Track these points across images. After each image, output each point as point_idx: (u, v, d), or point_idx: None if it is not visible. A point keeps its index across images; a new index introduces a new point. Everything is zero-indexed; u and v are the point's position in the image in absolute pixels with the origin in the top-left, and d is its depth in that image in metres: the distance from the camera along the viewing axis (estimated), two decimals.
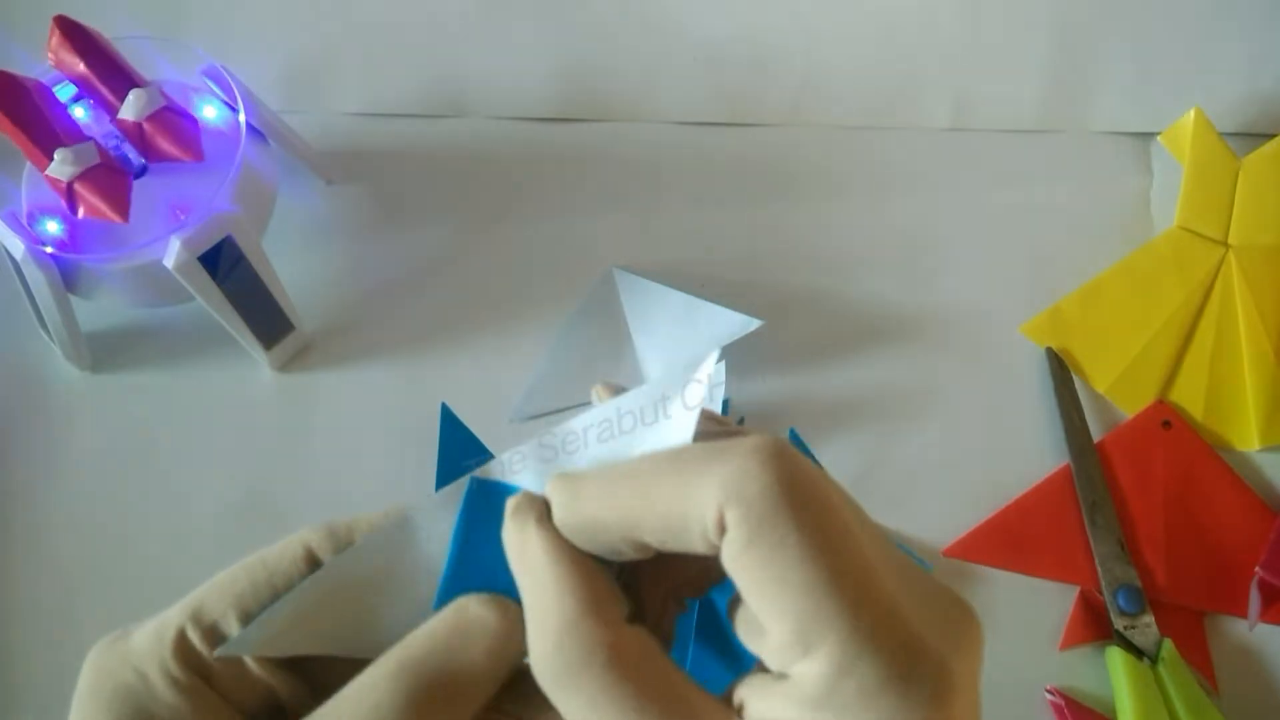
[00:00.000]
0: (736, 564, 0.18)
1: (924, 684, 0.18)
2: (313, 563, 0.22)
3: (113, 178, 0.45)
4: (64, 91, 0.47)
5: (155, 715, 0.20)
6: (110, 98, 0.45)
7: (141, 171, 0.47)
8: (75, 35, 0.45)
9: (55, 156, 0.44)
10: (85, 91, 0.46)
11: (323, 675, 0.21)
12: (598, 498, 0.20)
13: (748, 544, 0.18)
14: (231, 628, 0.21)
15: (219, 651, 0.21)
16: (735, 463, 0.18)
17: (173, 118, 0.45)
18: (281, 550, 0.22)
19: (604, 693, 0.18)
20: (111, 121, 0.46)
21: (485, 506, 0.22)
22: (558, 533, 0.20)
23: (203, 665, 0.21)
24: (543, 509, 0.21)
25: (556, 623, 0.19)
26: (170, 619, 0.21)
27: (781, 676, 0.19)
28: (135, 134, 0.45)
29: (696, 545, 0.19)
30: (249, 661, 0.21)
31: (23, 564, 0.48)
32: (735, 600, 0.21)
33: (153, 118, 0.45)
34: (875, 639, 0.18)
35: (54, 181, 0.44)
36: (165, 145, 0.45)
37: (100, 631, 0.23)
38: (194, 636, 0.21)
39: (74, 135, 0.45)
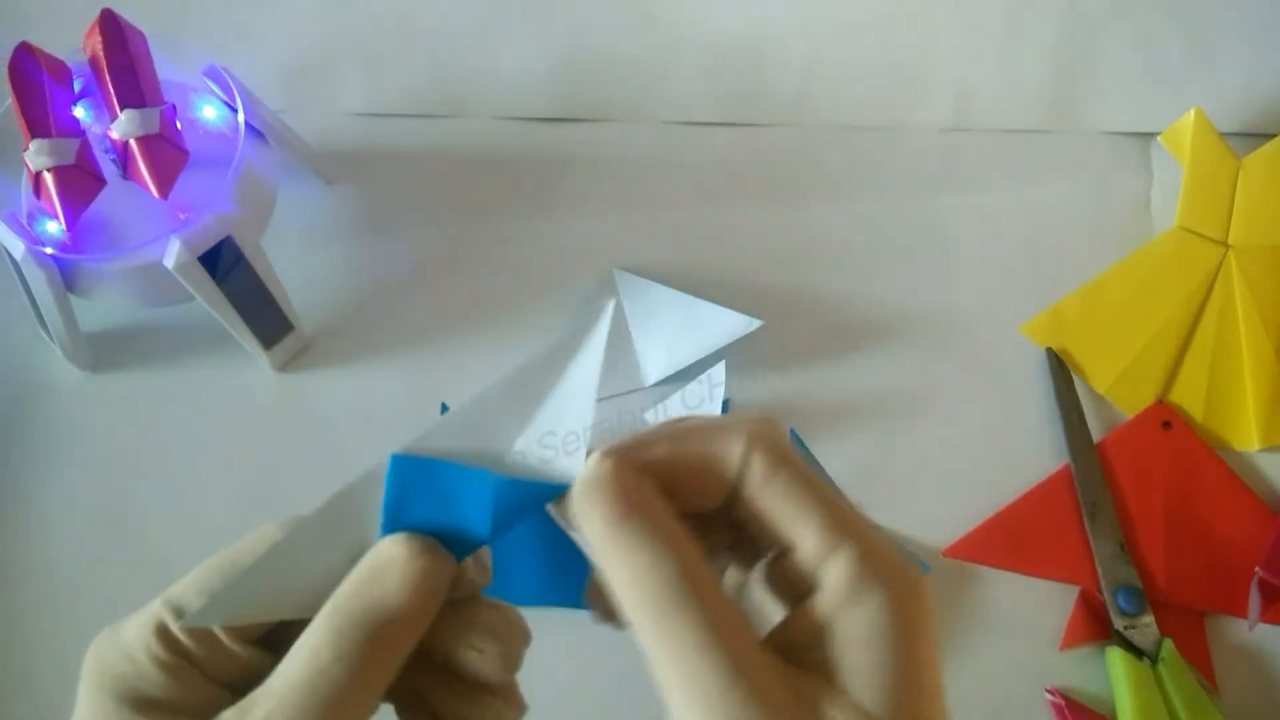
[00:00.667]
0: (765, 489, 0.23)
1: (915, 568, 0.23)
2: None
3: (80, 181, 0.44)
4: (81, 82, 0.47)
5: (147, 693, 0.23)
6: (115, 105, 0.45)
7: None
8: (110, 32, 0.45)
9: (31, 145, 0.44)
10: (95, 89, 0.46)
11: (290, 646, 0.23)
12: (654, 447, 0.24)
13: (773, 472, 0.23)
14: None
15: (184, 622, 0.23)
16: (754, 421, 0.24)
17: (159, 147, 0.44)
18: (250, 546, 0.24)
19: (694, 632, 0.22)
20: (108, 128, 0.46)
21: (415, 481, 0.24)
22: (662, 505, 0.23)
23: (184, 648, 0.23)
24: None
25: (666, 575, 0.22)
26: (152, 611, 0.24)
27: (810, 591, 0.23)
28: (120, 150, 0.45)
29: (728, 473, 0.23)
30: (225, 639, 0.24)
31: (23, 563, 0.48)
32: (762, 564, 0.25)
33: (141, 140, 0.44)
34: (877, 535, 0.23)
35: (26, 165, 0.44)
36: (141, 172, 0.44)
37: (100, 629, 0.25)
38: (175, 627, 0.24)
39: (66, 128, 0.45)
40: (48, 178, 0.44)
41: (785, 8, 0.59)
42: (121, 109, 0.44)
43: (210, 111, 0.49)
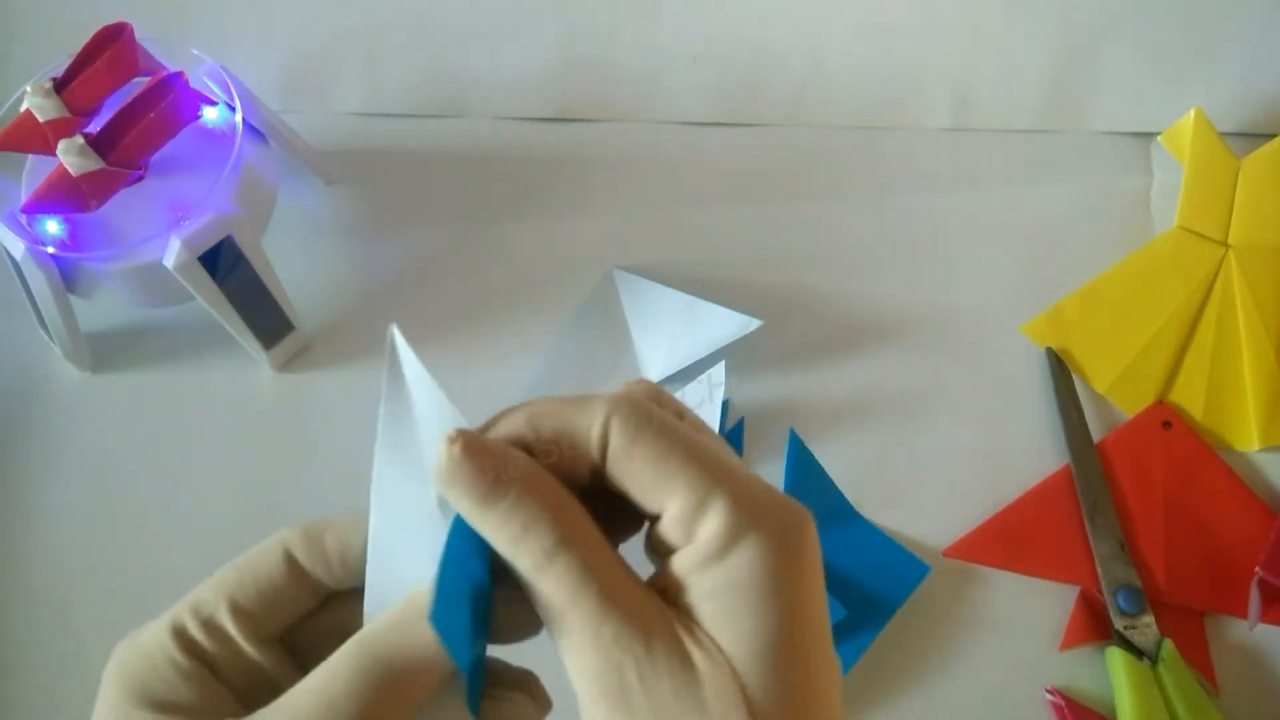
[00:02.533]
0: (626, 457, 0.23)
1: (798, 509, 0.23)
2: (292, 563, 0.25)
3: (31, 135, 0.45)
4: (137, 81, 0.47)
5: (162, 694, 0.23)
6: (104, 125, 0.45)
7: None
8: (159, 86, 0.45)
9: (40, 90, 0.45)
10: (116, 103, 0.46)
11: (314, 657, 0.23)
12: (517, 419, 0.24)
13: (635, 438, 0.23)
14: (225, 620, 0.24)
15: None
16: (612, 393, 0.24)
17: (65, 187, 0.44)
18: (264, 553, 0.25)
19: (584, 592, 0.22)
20: (84, 130, 0.46)
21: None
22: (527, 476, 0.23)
23: (200, 650, 0.24)
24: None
25: (542, 531, 0.22)
26: (172, 613, 0.24)
27: (684, 548, 0.22)
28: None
29: (589, 447, 0.23)
30: (241, 641, 0.24)
31: (23, 563, 0.48)
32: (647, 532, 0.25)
33: (60, 171, 0.44)
34: (752, 483, 0.23)
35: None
36: (39, 181, 0.45)
37: (100, 629, 0.25)
38: (192, 627, 0.24)
39: (76, 104, 0.45)
40: (27, 114, 0.45)
41: (785, 8, 0.59)
42: (89, 140, 0.44)
43: (210, 111, 0.49)
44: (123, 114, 0.45)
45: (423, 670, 0.23)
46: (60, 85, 0.45)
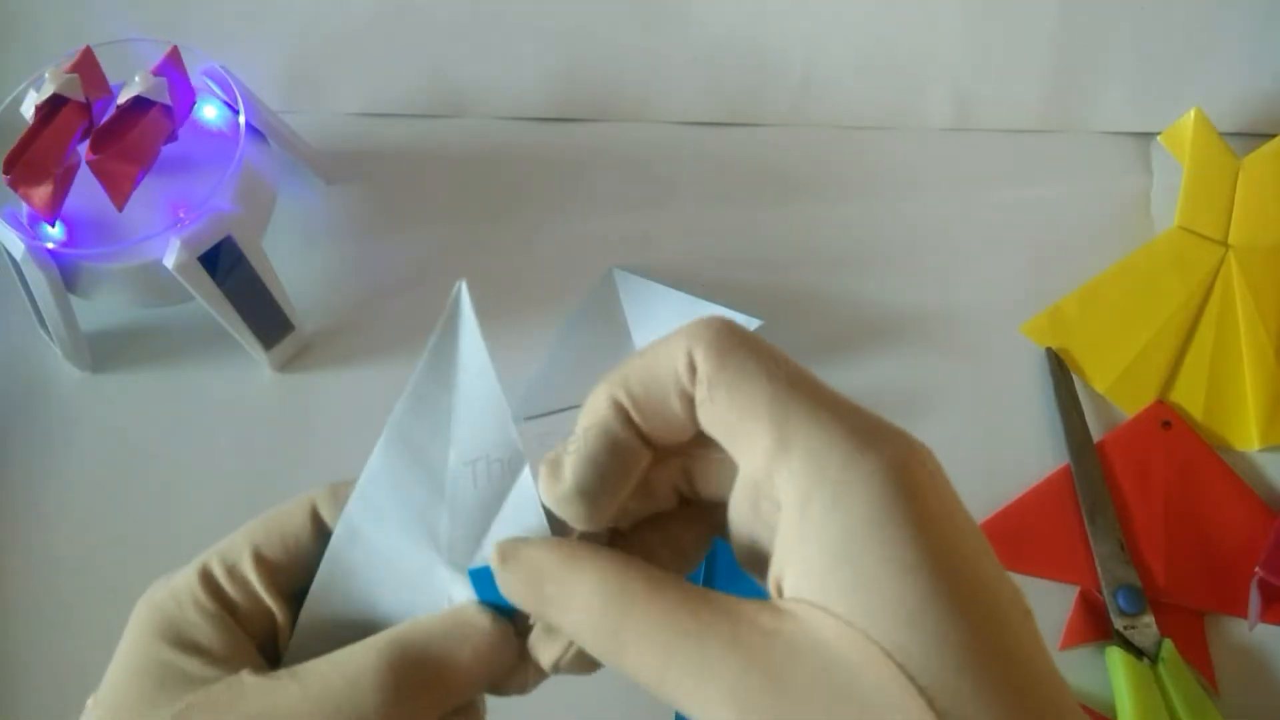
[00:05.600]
0: (709, 392, 0.20)
1: (891, 441, 0.21)
2: (317, 520, 0.26)
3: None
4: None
5: (185, 634, 0.24)
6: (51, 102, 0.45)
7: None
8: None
9: (146, 79, 0.45)
10: (105, 112, 0.46)
11: None
12: (600, 404, 0.23)
13: (718, 370, 0.20)
14: (247, 567, 0.25)
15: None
16: (695, 323, 0.22)
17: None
18: (291, 509, 0.26)
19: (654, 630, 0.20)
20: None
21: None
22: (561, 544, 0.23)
23: (225, 596, 0.25)
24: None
25: (601, 594, 0.21)
26: (203, 558, 0.26)
27: (776, 508, 0.20)
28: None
29: (673, 399, 0.21)
30: (262, 592, 0.25)
31: (22, 564, 0.48)
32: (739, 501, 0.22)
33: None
34: (840, 420, 0.20)
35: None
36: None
37: (99, 630, 0.26)
38: (218, 573, 0.25)
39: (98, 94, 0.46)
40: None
41: (785, 8, 0.59)
42: (46, 102, 0.44)
43: (210, 111, 0.49)
44: (59, 123, 0.45)
45: (453, 687, 0.23)
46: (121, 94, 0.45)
